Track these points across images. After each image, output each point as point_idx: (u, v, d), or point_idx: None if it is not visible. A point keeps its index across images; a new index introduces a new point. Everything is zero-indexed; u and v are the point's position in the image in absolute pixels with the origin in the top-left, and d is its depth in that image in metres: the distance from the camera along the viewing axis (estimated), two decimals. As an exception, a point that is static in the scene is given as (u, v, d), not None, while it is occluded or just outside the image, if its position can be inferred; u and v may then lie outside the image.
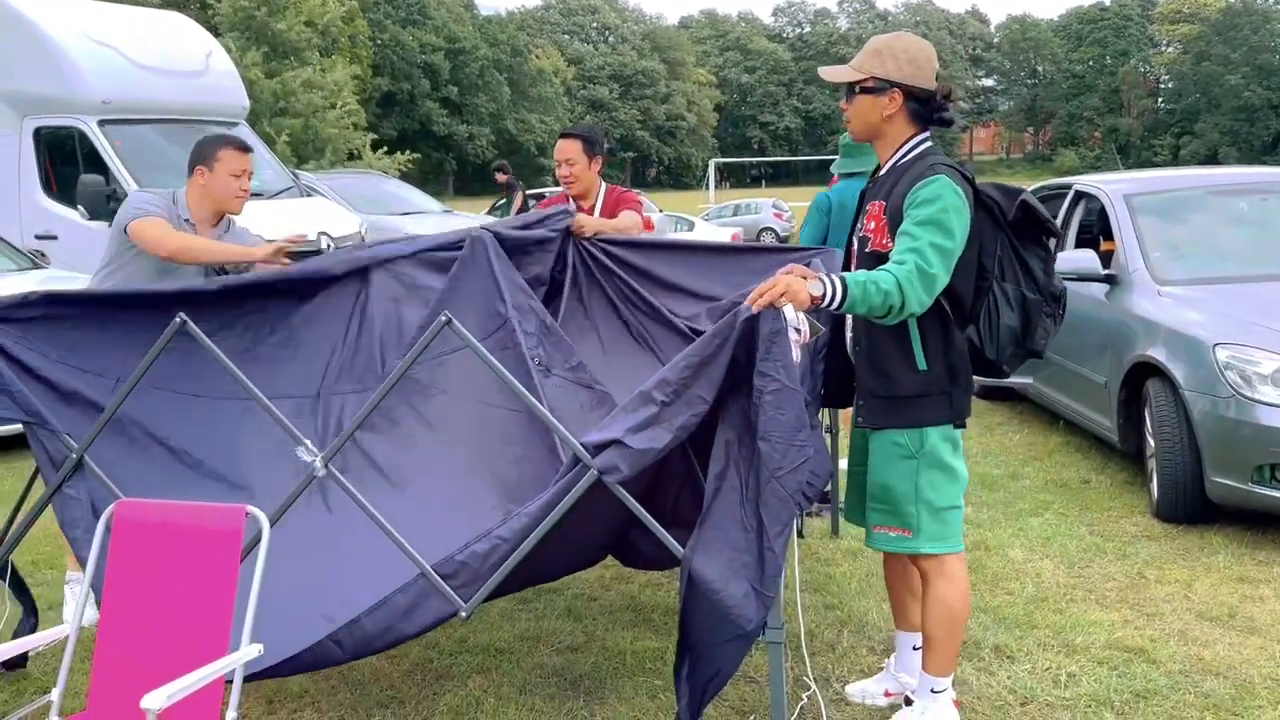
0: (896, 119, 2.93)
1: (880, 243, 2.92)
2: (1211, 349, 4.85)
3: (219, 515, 2.86)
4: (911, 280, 2.67)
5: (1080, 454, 6.41)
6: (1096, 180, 6.97)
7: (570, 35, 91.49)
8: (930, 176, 2.79)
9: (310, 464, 2.94)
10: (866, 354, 3.00)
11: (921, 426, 2.92)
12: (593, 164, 4.75)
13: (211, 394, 3.46)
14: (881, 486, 3.01)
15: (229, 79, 11.19)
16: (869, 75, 2.92)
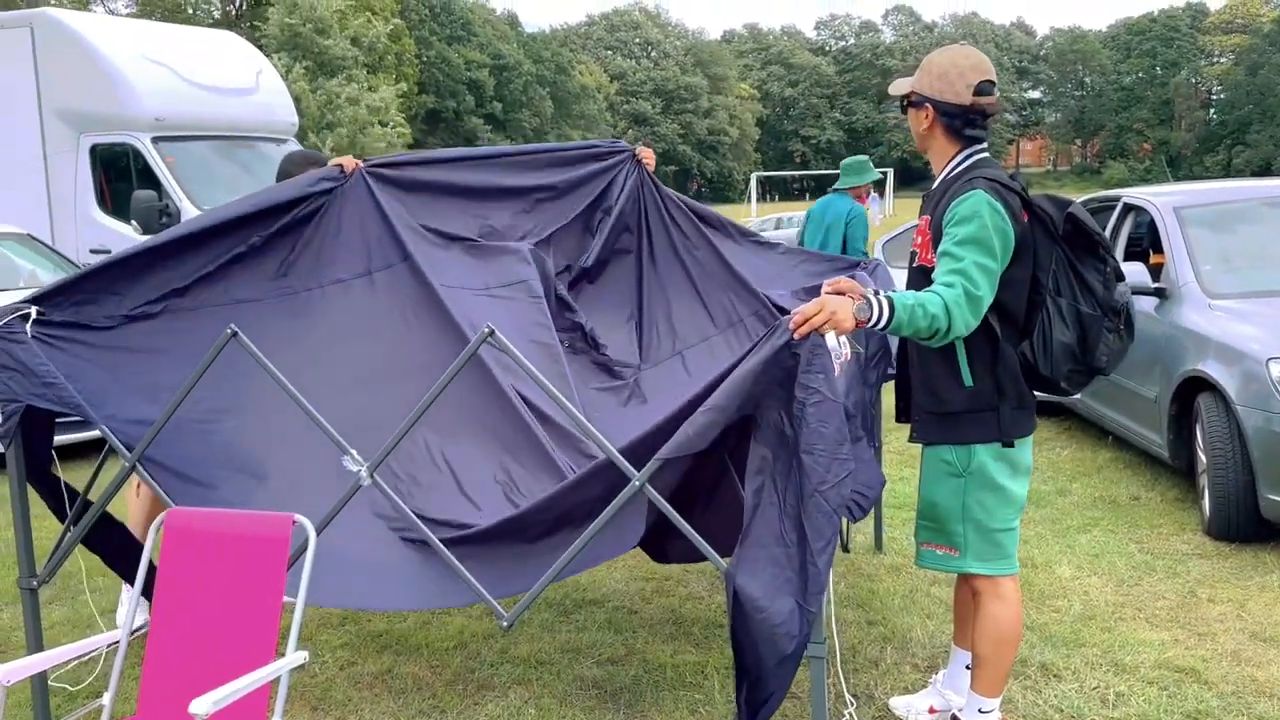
0: (935, 133, 2.95)
1: (926, 257, 2.92)
2: (1265, 363, 4.76)
3: (266, 523, 2.91)
4: (960, 304, 2.66)
5: (1130, 470, 6.31)
6: (1145, 192, 6.88)
7: (613, 51, 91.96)
8: (967, 193, 2.77)
9: (356, 474, 2.98)
10: (918, 369, 3.00)
11: (968, 444, 2.88)
12: None
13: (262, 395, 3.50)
14: (929, 503, 2.99)
15: (279, 96, 11.42)
16: (911, 90, 2.97)
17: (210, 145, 10.47)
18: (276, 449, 3.46)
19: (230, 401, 3.48)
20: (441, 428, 3.52)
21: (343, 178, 3.85)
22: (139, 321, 3.44)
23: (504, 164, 4.24)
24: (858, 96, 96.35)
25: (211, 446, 3.42)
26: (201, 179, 10.03)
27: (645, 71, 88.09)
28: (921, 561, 3.05)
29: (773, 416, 2.65)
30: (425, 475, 3.46)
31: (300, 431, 3.22)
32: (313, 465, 3.35)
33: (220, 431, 3.46)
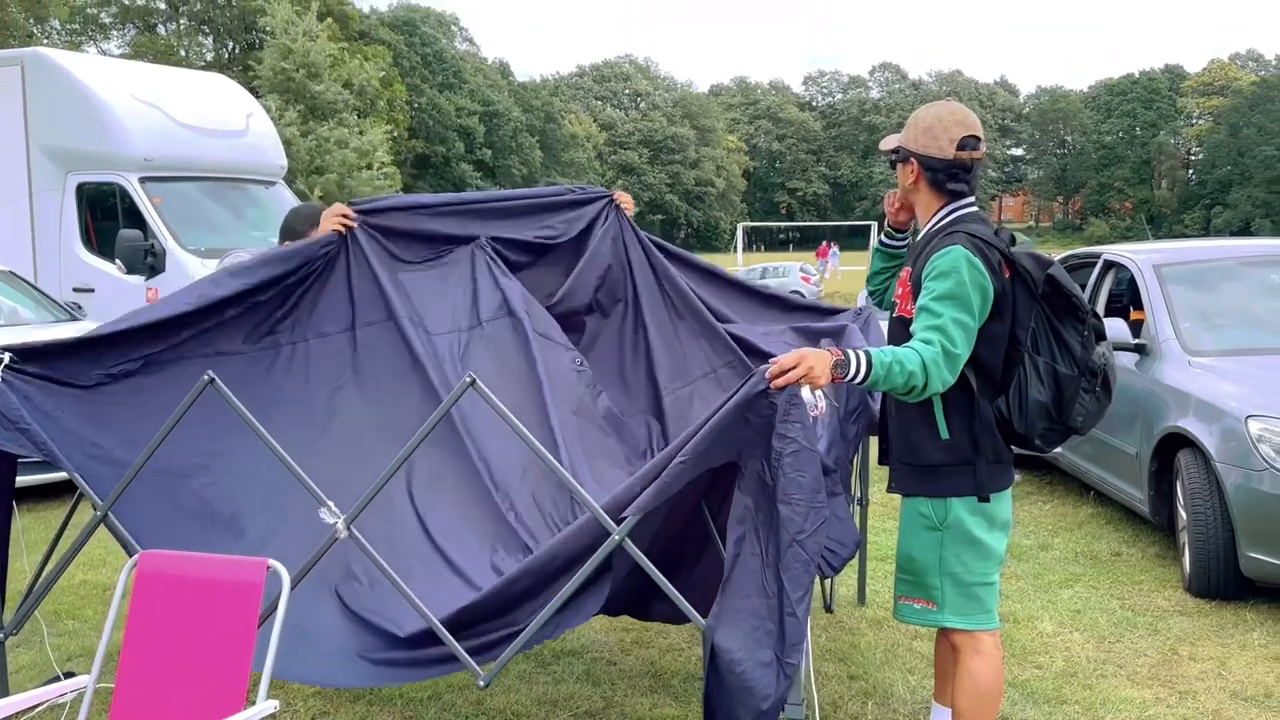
0: (920, 187, 2.98)
1: (906, 309, 2.94)
2: (1244, 421, 4.79)
3: (239, 568, 2.86)
4: (937, 362, 2.68)
5: (1111, 525, 6.31)
6: (1126, 249, 6.96)
7: (603, 101, 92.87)
8: (946, 247, 2.78)
9: (332, 525, 2.94)
10: (896, 419, 3.00)
11: (944, 497, 2.88)
12: None
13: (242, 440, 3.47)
14: (906, 556, 2.98)
15: (269, 139, 11.46)
16: (898, 145, 3.02)
17: (198, 186, 10.48)
18: (254, 502, 3.42)
19: (208, 452, 3.44)
20: (421, 496, 3.50)
21: (339, 239, 3.85)
22: (118, 380, 3.41)
23: (489, 212, 4.23)
24: (843, 151, 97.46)
25: (187, 498, 3.38)
26: (189, 220, 10.02)
27: (634, 122, 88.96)
28: (900, 615, 3.03)
29: (755, 466, 2.64)
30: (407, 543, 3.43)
31: (278, 484, 3.18)
32: (290, 520, 3.31)
33: (197, 483, 3.42)
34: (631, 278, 4.40)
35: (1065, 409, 2.88)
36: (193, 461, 3.44)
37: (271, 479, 3.27)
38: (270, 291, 3.66)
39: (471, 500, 3.57)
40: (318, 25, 28.23)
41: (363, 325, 3.84)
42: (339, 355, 3.81)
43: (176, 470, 3.40)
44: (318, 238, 3.82)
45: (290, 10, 27.82)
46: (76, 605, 5.01)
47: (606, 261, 4.36)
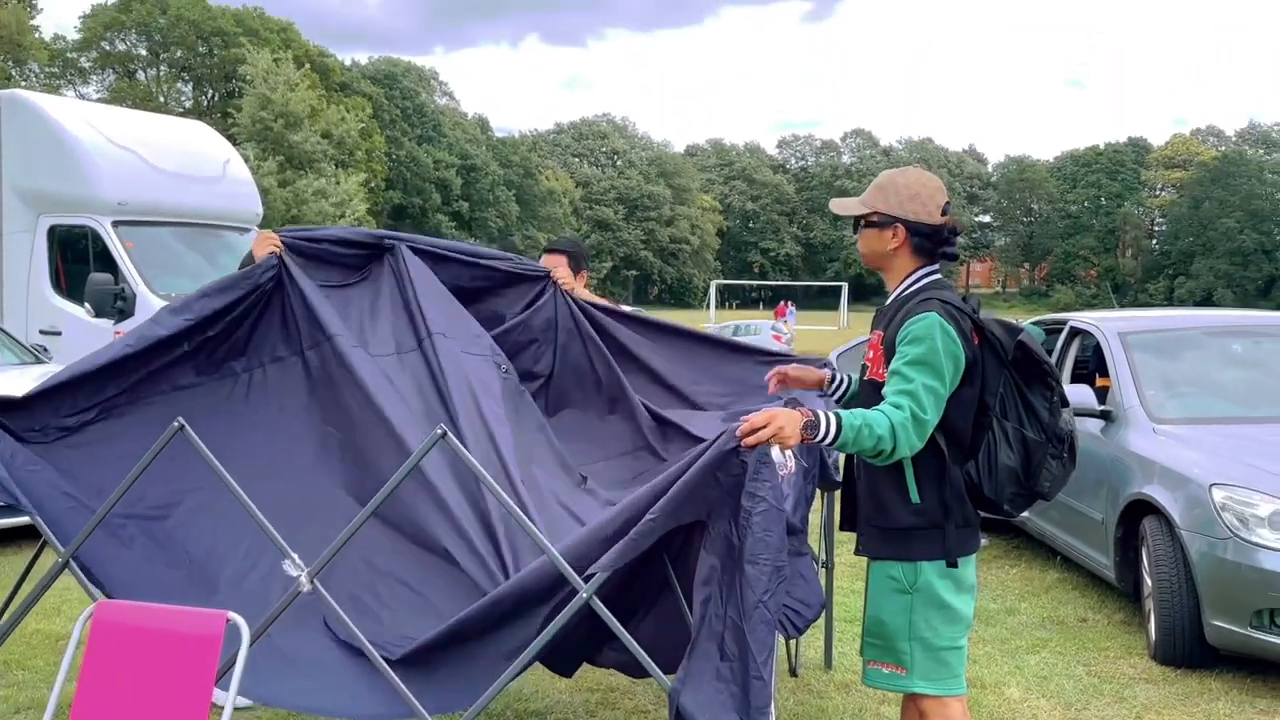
0: (901, 252, 2.96)
1: (877, 372, 2.93)
2: (1208, 489, 4.83)
3: (198, 621, 2.81)
4: (906, 426, 2.68)
5: (1077, 591, 6.32)
6: (1092, 317, 7.07)
7: (580, 158, 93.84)
8: (920, 314, 2.80)
9: (295, 579, 2.90)
10: (865, 483, 2.98)
11: (914, 560, 2.87)
12: (578, 279, 4.78)
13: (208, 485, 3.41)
14: (875, 620, 2.94)
15: (245, 186, 11.44)
16: (873, 210, 2.97)
17: (172, 232, 10.42)
18: (227, 541, 3.37)
19: (178, 490, 3.40)
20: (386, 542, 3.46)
21: (278, 263, 3.79)
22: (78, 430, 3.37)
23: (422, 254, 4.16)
24: (815, 213, 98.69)
25: (158, 540, 3.32)
26: (161, 265, 9.95)
27: (610, 179, 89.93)
28: (868, 680, 3.00)
29: (723, 526, 2.64)
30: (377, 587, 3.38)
31: (246, 527, 3.13)
32: (264, 558, 3.26)
33: (168, 524, 3.37)
34: (554, 354, 4.36)
35: (1033, 474, 2.91)
36: (162, 502, 3.39)
37: (241, 522, 3.22)
38: (216, 325, 3.62)
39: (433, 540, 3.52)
40: (297, 74, 28.43)
41: (309, 347, 3.79)
42: (294, 379, 3.79)
43: (145, 513, 3.35)
44: (255, 264, 3.76)
45: (270, 60, 28.06)
46: (27, 655, 4.88)
47: (533, 336, 4.32)
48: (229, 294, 3.65)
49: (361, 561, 3.37)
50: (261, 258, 3.76)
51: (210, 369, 3.67)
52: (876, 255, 3.01)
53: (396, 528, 3.48)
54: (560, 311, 4.37)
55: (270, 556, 3.17)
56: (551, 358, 4.36)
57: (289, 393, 3.75)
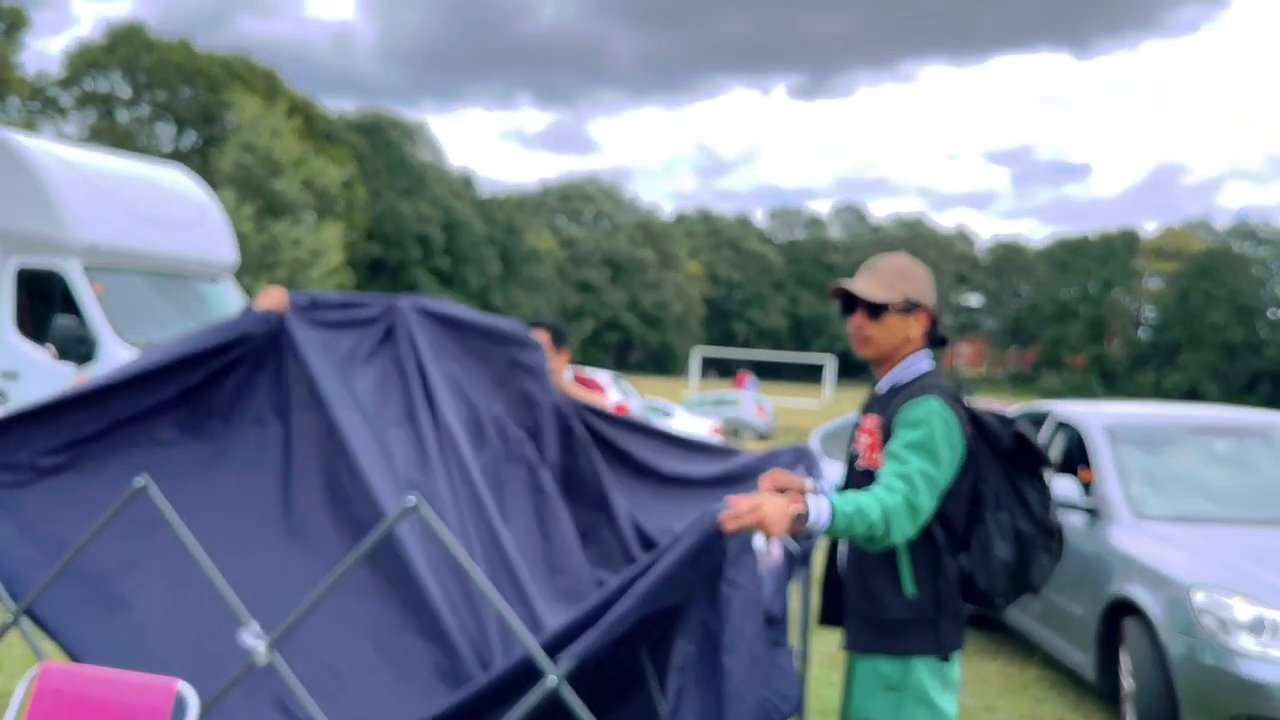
0: (916, 338, 2.91)
1: (871, 459, 2.84)
2: (1188, 591, 4.77)
3: (146, 689, 2.70)
4: (900, 512, 2.59)
5: (1056, 689, 6.20)
6: (1077, 409, 7.05)
7: (565, 218, 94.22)
8: (921, 397, 2.74)
9: (253, 648, 2.79)
10: (856, 572, 2.88)
11: (907, 656, 2.77)
12: (560, 355, 4.78)
13: None
14: (860, 719, 2.84)
15: (221, 233, 11.30)
16: (904, 297, 2.87)
17: (144, 277, 10.28)
18: (179, 612, 3.25)
19: (136, 556, 3.28)
20: (354, 617, 3.33)
21: (275, 321, 3.64)
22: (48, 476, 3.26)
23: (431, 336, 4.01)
24: (803, 286, 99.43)
25: (110, 604, 3.21)
26: (130, 310, 9.78)
27: (595, 241, 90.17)
28: None
29: (699, 612, 2.56)
30: (338, 664, 3.25)
31: (207, 595, 3.02)
32: (217, 634, 3.13)
33: (126, 585, 3.25)
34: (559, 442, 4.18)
35: (1026, 567, 2.84)
36: (121, 561, 3.27)
37: (205, 584, 3.11)
38: (200, 371, 3.50)
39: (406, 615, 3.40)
40: (286, 123, 28.50)
41: (298, 412, 3.64)
42: (276, 446, 3.63)
43: (102, 572, 3.23)
44: (248, 315, 3.62)
45: (259, 105, 28.13)
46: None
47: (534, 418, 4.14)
48: (217, 338, 3.51)
49: (324, 636, 3.25)
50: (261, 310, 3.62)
51: (191, 426, 3.53)
52: (897, 344, 2.89)
53: (369, 603, 3.37)
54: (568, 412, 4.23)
55: (231, 627, 3.06)
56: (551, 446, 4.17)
57: (269, 460, 3.60)
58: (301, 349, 3.63)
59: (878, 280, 2.90)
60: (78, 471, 3.32)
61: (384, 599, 3.38)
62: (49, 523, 3.20)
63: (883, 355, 2.93)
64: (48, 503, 3.24)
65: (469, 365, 4.07)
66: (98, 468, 3.33)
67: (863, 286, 2.90)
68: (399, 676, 3.26)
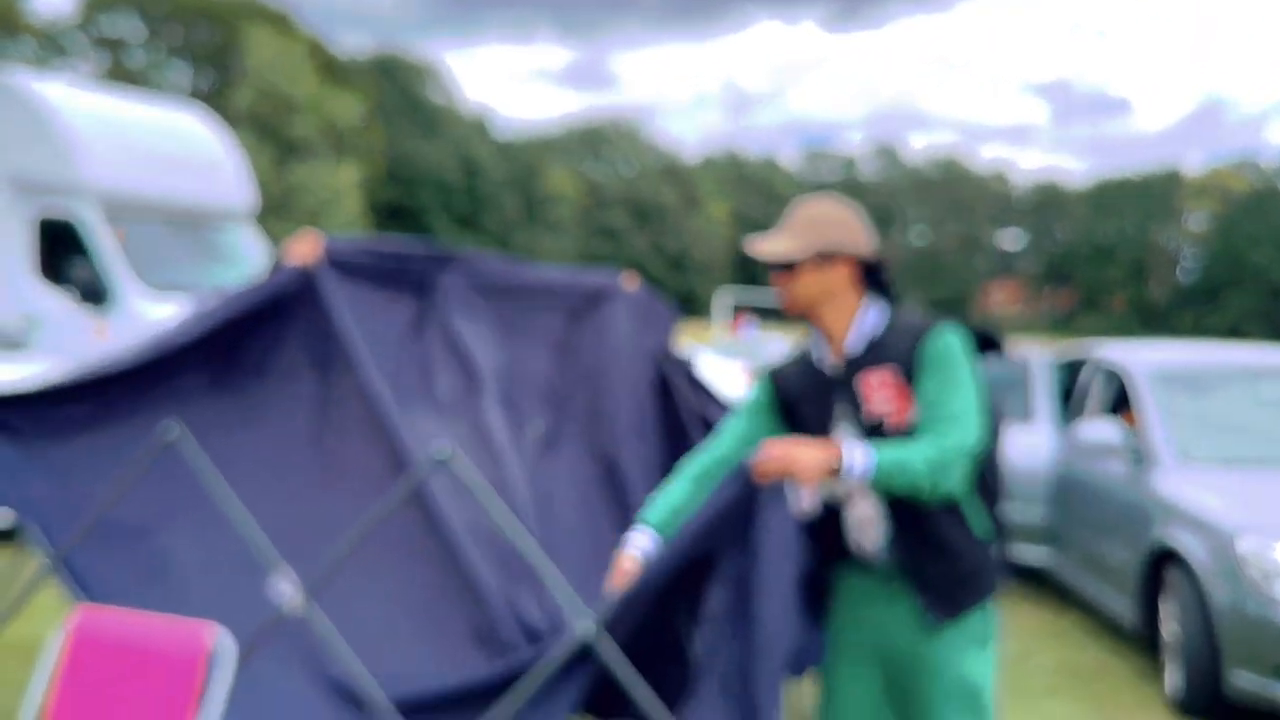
0: (848, 287, 2.64)
1: (901, 417, 2.54)
2: (1233, 538, 4.68)
3: (184, 632, 2.71)
4: (953, 459, 2.41)
5: (1095, 637, 6.15)
6: (1121, 350, 6.89)
7: (588, 162, 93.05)
8: (933, 329, 2.54)
9: (287, 595, 2.79)
10: (919, 538, 2.56)
11: (987, 600, 2.60)
12: None
13: None
14: (967, 684, 2.58)
15: (239, 177, 11.23)
16: (815, 249, 2.63)
17: (163, 220, 10.28)
18: (212, 563, 3.25)
19: (167, 507, 3.27)
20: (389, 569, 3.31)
21: (304, 277, 3.49)
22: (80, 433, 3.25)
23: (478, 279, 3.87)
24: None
25: (141, 555, 3.21)
26: (149, 254, 9.77)
27: (618, 184, 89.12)
28: None
29: (732, 560, 2.53)
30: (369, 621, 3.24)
31: (241, 547, 3.01)
32: (250, 585, 3.13)
33: (153, 538, 3.25)
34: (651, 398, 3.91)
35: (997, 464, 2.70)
36: (154, 513, 3.28)
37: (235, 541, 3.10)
38: (233, 337, 3.44)
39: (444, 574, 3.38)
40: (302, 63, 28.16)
41: (335, 368, 3.54)
42: (308, 400, 3.56)
43: (135, 524, 3.24)
44: (281, 272, 3.49)
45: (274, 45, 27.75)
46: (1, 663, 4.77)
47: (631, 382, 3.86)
48: (249, 304, 3.41)
49: (358, 592, 3.24)
50: (295, 261, 3.47)
51: (222, 382, 3.48)
52: (821, 295, 2.64)
53: (404, 560, 3.35)
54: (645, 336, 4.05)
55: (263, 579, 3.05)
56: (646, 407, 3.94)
57: (301, 416, 3.53)
58: (331, 305, 3.50)
59: (787, 235, 2.68)
60: (110, 426, 3.31)
61: (420, 557, 3.36)
62: (82, 477, 3.21)
63: (806, 311, 2.68)
64: (80, 458, 3.25)
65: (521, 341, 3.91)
66: (130, 422, 3.31)
67: (766, 246, 2.68)
68: (435, 635, 3.25)
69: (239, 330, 3.44)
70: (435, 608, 3.29)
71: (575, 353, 3.94)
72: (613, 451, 3.78)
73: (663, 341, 3.98)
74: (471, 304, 3.86)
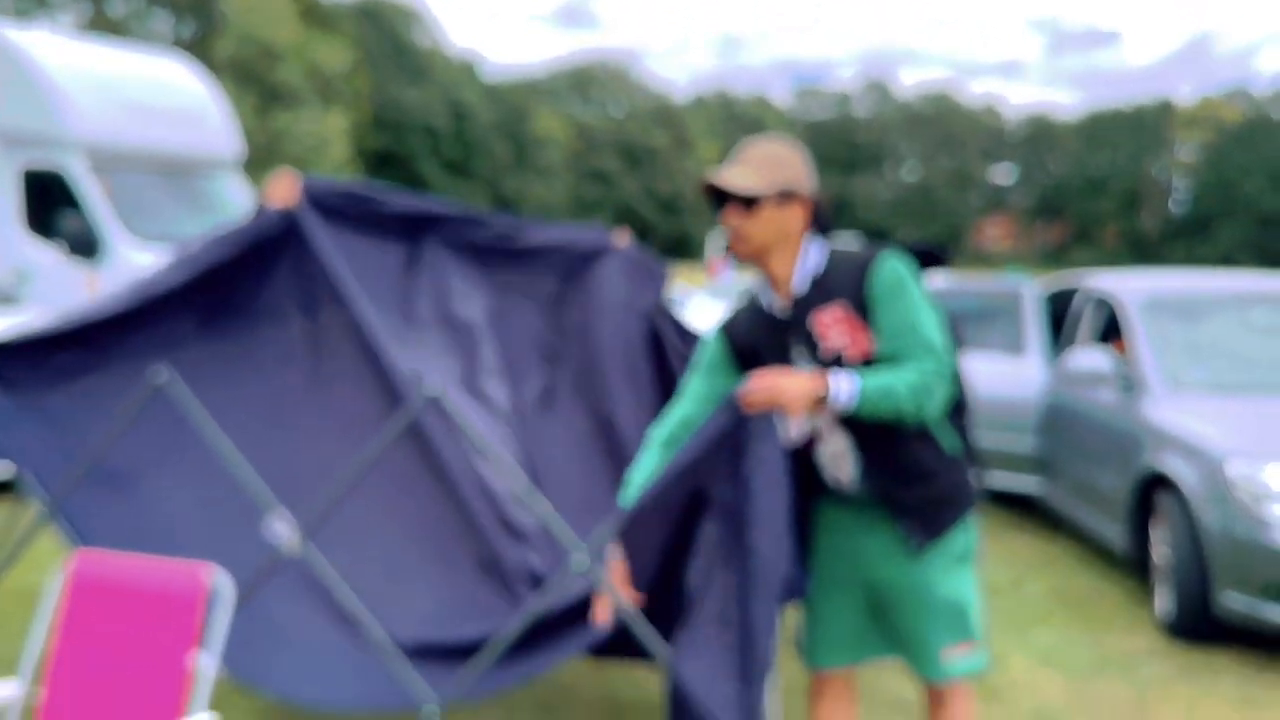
0: (798, 229, 2.63)
1: (861, 347, 2.54)
2: (1223, 463, 4.72)
3: (182, 574, 2.73)
4: (929, 389, 2.45)
5: (1085, 563, 6.23)
6: (1111, 279, 6.89)
7: (577, 105, 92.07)
8: (879, 255, 2.54)
9: (283, 536, 2.81)
10: (895, 464, 2.59)
11: (965, 517, 2.64)
12: None
13: None
14: (952, 603, 2.64)
15: (224, 125, 11.13)
16: (779, 187, 2.60)
17: (149, 171, 10.20)
18: (206, 506, 3.26)
19: (161, 453, 3.28)
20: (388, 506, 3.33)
21: (286, 218, 3.45)
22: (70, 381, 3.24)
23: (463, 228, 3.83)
24: (827, 167, 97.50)
25: (136, 499, 3.22)
26: (137, 205, 9.71)
27: (608, 127, 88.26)
28: (948, 672, 2.66)
29: (722, 492, 2.54)
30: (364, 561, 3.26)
31: (234, 490, 3.02)
32: (245, 527, 3.15)
33: (150, 486, 3.26)
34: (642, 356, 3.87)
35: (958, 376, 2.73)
36: (147, 458, 3.28)
37: (227, 483, 3.11)
38: (218, 280, 3.41)
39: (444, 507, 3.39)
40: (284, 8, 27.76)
41: (323, 307, 3.53)
42: (300, 342, 3.56)
43: (128, 469, 3.24)
44: (264, 215, 3.46)
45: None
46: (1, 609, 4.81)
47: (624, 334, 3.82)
48: (232, 247, 3.38)
49: (358, 528, 3.26)
50: (275, 203, 3.45)
51: (210, 325, 3.47)
52: (776, 238, 2.61)
53: (398, 493, 3.36)
54: None
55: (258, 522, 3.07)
56: None
57: (291, 356, 3.53)
58: (317, 244, 3.47)
59: (748, 170, 2.62)
60: (101, 373, 3.30)
61: (419, 493, 3.37)
62: (76, 424, 3.21)
63: (759, 251, 2.63)
64: (73, 405, 3.24)
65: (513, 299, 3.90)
66: (121, 368, 3.30)
67: (731, 178, 2.61)
68: (439, 566, 3.28)
69: (225, 273, 3.41)
70: (437, 539, 3.31)
71: (568, 311, 3.92)
72: (608, 408, 3.77)
73: (654, 298, 3.94)
74: (461, 260, 3.84)
